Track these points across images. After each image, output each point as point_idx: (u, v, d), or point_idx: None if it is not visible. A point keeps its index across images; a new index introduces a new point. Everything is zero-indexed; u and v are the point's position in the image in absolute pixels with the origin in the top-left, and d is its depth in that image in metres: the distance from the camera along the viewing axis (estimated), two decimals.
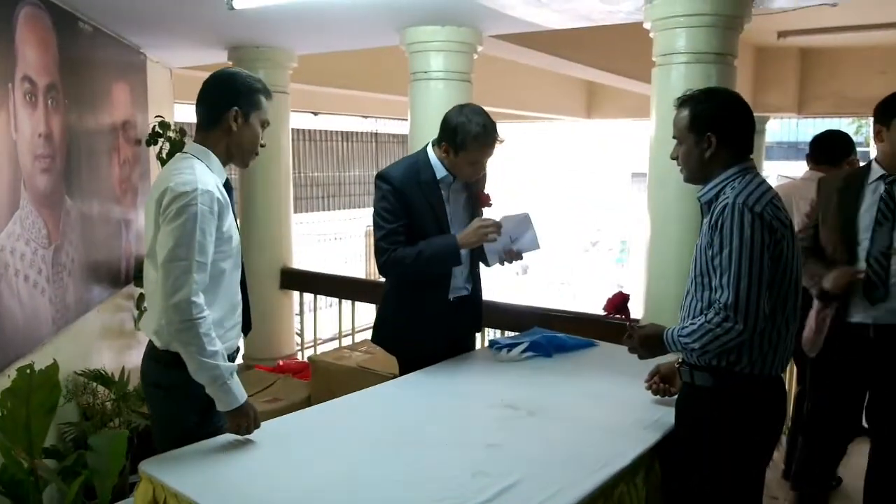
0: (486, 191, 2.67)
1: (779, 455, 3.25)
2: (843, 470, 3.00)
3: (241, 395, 1.89)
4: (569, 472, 1.81)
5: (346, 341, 4.62)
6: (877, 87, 2.52)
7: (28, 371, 2.24)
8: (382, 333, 2.74)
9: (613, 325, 3.32)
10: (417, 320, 2.59)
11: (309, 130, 10.90)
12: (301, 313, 5.00)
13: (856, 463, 2.90)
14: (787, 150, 15.44)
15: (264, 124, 2.03)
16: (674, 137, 1.97)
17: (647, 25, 3.01)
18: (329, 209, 11.52)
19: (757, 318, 1.77)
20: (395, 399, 2.38)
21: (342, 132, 11.60)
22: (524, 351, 2.78)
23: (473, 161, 2.43)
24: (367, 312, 4.51)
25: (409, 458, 1.89)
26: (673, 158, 1.99)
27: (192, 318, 1.80)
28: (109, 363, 3.52)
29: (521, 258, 2.58)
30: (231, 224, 1.97)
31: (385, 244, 2.46)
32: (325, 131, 11.33)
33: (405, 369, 2.66)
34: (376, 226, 2.50)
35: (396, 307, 2.67)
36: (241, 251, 2.06)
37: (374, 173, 2.62)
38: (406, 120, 3.88)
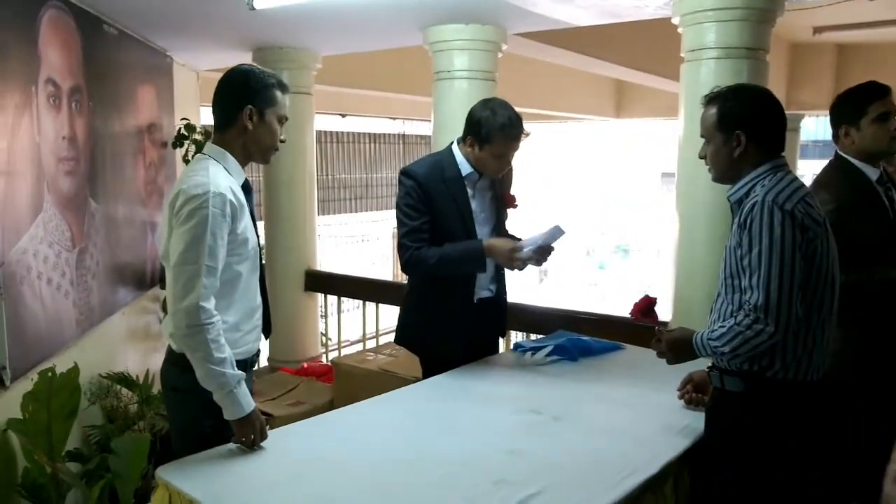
0: (512, 192, 2.62)
1: None
2: None
3: (248, 404, 1.85)
4: (594, 480, 1.75)
5: (371, 343, 4.60)
6: None
7: (49, 374, 2.25)
8: (405, 334, 2.71)
9: (640, 328, 3.24)
10: (440, 322, 2.55)
11: (336, 132, 10.93)
12: (325, 315, 4.98)
13: None
14: (823, 149, 15.10)
15: (282, 120, 1.99)
16: (701, 136, 1.90)
17: (675, 20, 2.92)
18: (356, 211, 11.53)
19: (789, 319, 1.69)
20: (416, 404, 2.33)
21: (369, 134, 11.61)
22: (549, 354, 2.72)
23: (499, 154, 2.39)
24: (392, 314, 4.47)
25: (429, 465, 1.84)
26: (701, 157, 1.92)
27: (200, 324, 1.78)
28: (134, 366, 3.53)
29: (550, 253, 2.46)
30: (247, 226, 1.94)
31: (408, 241, 2.42)
32: (353, 133, 11.35)
33: (427, 371, 2.62)
34: (399, 223, 2.46)
35: (418, 308, 2.63)
36: (259, 254, 2.03)
37: None
38: (430, 121, 3.84)
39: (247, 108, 1.92)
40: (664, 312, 3.14)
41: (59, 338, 2.76)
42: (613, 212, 18.36)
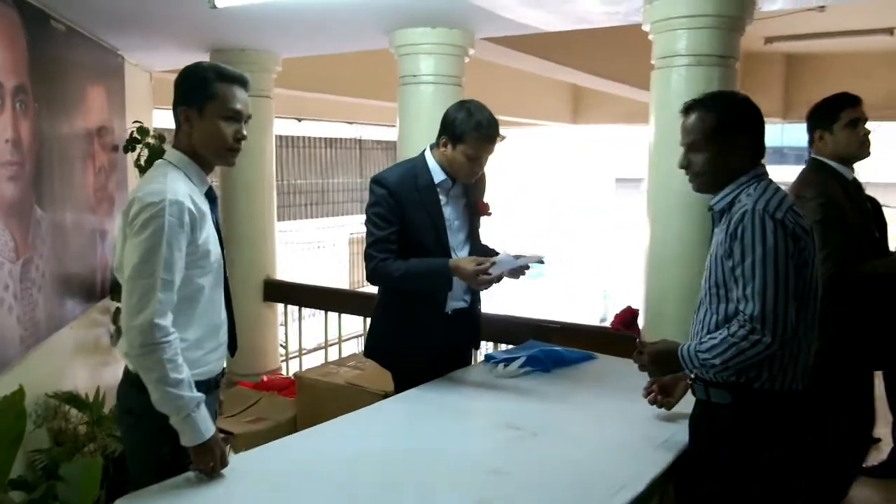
0: (486, 200, 2.55)
1: None
2: None
3: (207, 429, 1.72)
4: (581, 498, 1.69)
5: (333, 351, 4.47)
6: (861, 93, 2.56)
7: None
8: (375, 347, 2.61)
9: (611, 336, 3.21)
10: (411, 334, 2.47)
11: (292, 137, 10.72)
12: (285, 324, 4.83)
13: None
14: (773, 156, 15.54)
15: (233, 115, 1.80)
16: (683, 145, 1.85)
17: (646, 27, 2.90)
18: (311, 217, 11.34)
19: (785, 329, 1.66)
20: (388, 421, 2.24)
21: (326, 139, 11.43)
22: (522, 365, 2.66)
23: (472, 156, 2.32)
24: (352, 322, 4.37)
25: (406, 488, 1.75)
26: (683, 167, 1.86)
27: (154, 342, 1.65)
28: (84, 383, 3.33)
29: (523, 272, 2.41)
30: (209, 237, 1.81)
31: (374, 252, 2.35)
32: (309, 137, 11.16)
33: (400, 385, 2.53)
34: (367, 231, 2.39)
35: (389, 319, 2.55)
36: (223, 266, 1.91)
37: (358, 180, 2.53)
38: (392, 126, 3.75)
39: (179, 109, 1.80)
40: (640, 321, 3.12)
41: (1, 357, 2.57)
42: (569, 218, 18.51)
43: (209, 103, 1.78)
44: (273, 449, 2.01)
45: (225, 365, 2.01)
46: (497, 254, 2.42)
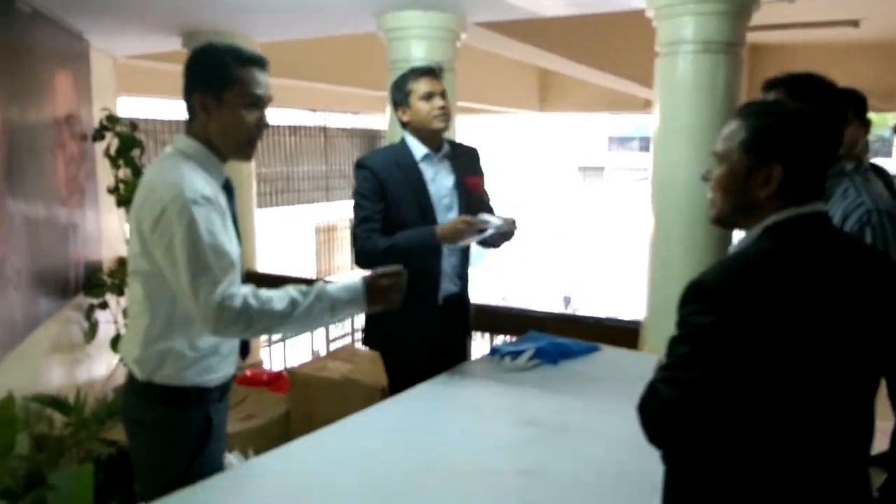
0: (476, 178, 2.47)
1: None
2: None
3: (352, 294, 1.71)
4: (623, 499, 1.63)
5: (318, 344, 4.37)
6: None
7: None
8: (372, 334, 2.53)
9: (610, 328, 3.19)
10: (404, 323, 2.36)
11: None
12: None
13: None
14: None
15: (254, 101, 1.66)
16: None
17: (649, 13, 2.85)
18: (276, 205, 11.10)
19: None
20: (401, 419, 2.15)
21: (290, 126, 11.19)
22: (530, 358, 2.61)
23: (423, 95, 2.31)
24: None
25: (435, 491, 1.67)
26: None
27: (239, 312, 1.55)
28: (61, 384, 3.17)
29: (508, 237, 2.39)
30: (229, 233, 1.67)
31: (360, 231, 2.31)
32: (273, 126, 10.90)
33: (392, 375, 2.48)
34: (354, 213, 2.35)
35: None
36: (241, 267, 1.79)
37: (323, 168, 2.50)
38: (357, 114, 3.64)
39: (194, 95, 1.65)
40: (639, 312, 3.10)
41: None
42: (535, 205, 18.60)
43: (228, 89, 1.63)
44: (287, 452, 1.91)
45: (234, 368, 1.90)
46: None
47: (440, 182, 2.41)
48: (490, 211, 2.57)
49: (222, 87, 1.63)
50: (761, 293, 1.19)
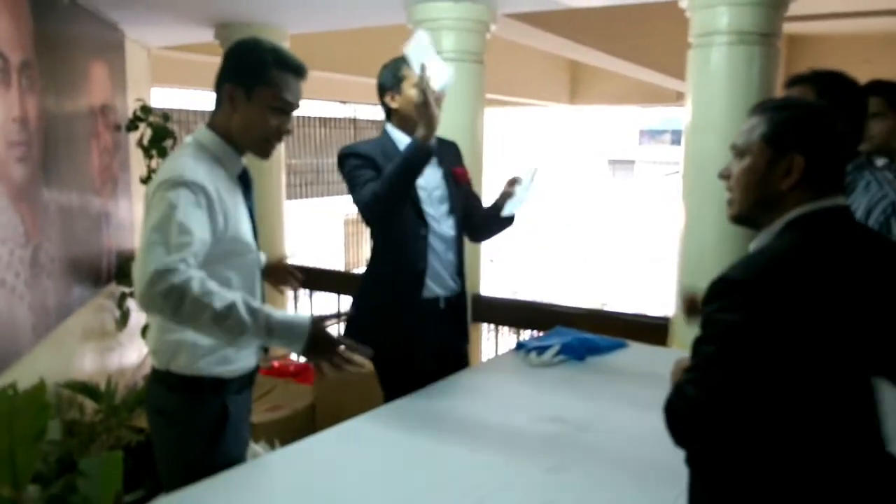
0: (461, 168, 2.41)
1: None
2: None
3: (295, 337, 1.53)
4: (653, 498, 1.61)
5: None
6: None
7: (11, 392, 1.97)
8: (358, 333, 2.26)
9: (638, 323, 3.14)
10: (397, 323, 2.27)
11: None
12: (296, 308, 4.73)
13: None
14: None
15: (281, 106, 1.66)
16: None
17: (682, 3, 2.79)
18: (306, 196, 11.18)
19: None
20: (429, 412, 2.13)
21: (320, 118, 11.25)
22: (556, 354, 2.58)
23: (419, 83, 2.10)
24: None
25: (460, 486, 1.66)
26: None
27: (169, 285, 1.43)
28: (93, 371, 3.23)
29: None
30: (236, 226, 1.66)
31: (360, 192, 2.13)
32: (303, 117, 10.98)
33: (388, 386, 2.33)
34: (352, 192, 2.18)
35: (370, 311, 2.31)
36: (257, 261, 1.79)
37: None
38: None
39: (225, 84, 1.64)
40: (668, 307, 3.04)
41: (14, 347, 2.45)
42: (562, 198, 18.45)
43: (259, 88, 1.63)
44: (312, 443, 1.91)
45: (257, 361, 1.90)
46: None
47: (429, 174, 2.25)
48: (478, 201, 2.52)
49: (255, 84, 1.63)
50: (788, 289, 1.16)
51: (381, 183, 2.07)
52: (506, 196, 2.37)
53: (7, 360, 2.36)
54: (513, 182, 2.36)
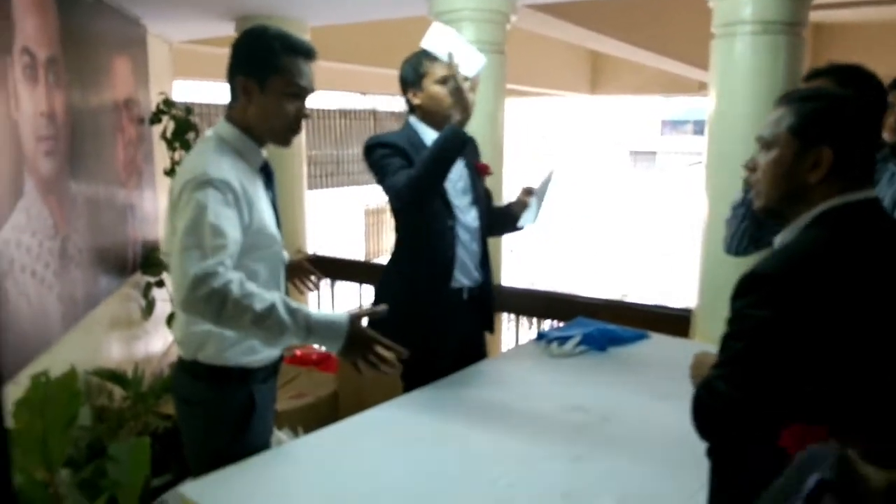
0: (484, 161, 2.42)
1: None
2: None
3: (334, 336, 1.54)
4: (671, 493, 1.61)
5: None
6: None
7: (43, 380, 2.01)
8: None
9: (660, 315, 3.13)
10: (420, 314, 2.26)
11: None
12: (318, 299, 4.77)
13: None
14: None
15: (296, 92, 1.66)
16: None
17: None
18: (327, 187, 11.24)
19: None
20: (450, 401, 2.15)
21: (340, 110, 11.30)
22: (578, 344, 2.59)
23: (440, 79, 2.14)
24: None
25: (482, 474, 1.68)
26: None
27: (212, 289, 1.45)
28: (120, 359, 3.29)
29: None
30: (262, 219, 1.68)
31: (392, 178, 2.12)
32: (323, 109, 11.03)
33: (408, 376, 2.26)
34: (382, 180, 2.16)
35: (396, 302, 2.34)
36: (281, 253, 1.81)
37: None
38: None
39: (237, 77, 1.64)
40: (688, 299, 3.03)
41: (45, 336, 2.51)
42: (583, 190, 18.36)
43: (272, 77, 1.63)
44: (335, 431, 1.94)
45: (281, 350, 1.92)
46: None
47: (454, 165, 2.23)
48: (490, 197, 2.52)
49: (267, 73, 1.63)
50: (817, 284, 1.15)
51: (417, 168, 2.07)
52: (521, 205, 2.37)
53: (38, 349, 2.41)
54: (528, 192, 2.35)
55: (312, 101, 1.75)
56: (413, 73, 2.22)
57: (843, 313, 1.14)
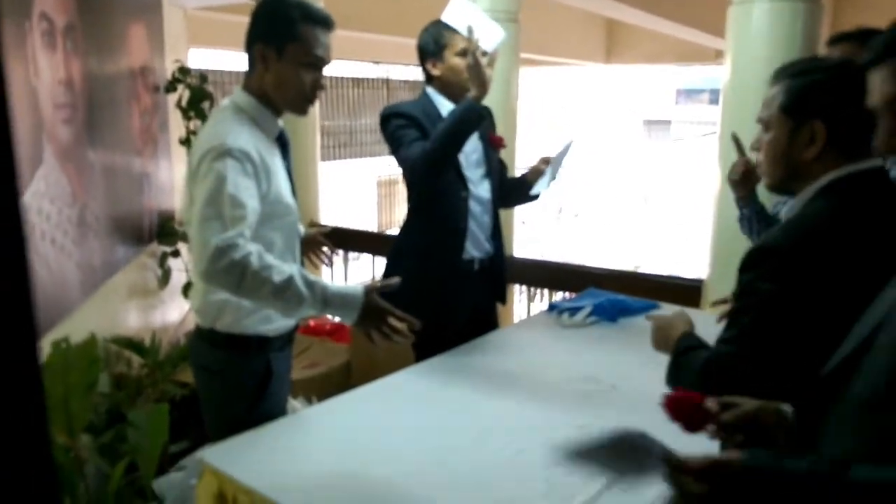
0: (498, 135, 2.43)
1: None
2: None
3: (350, 307, 1.55)
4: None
5: None
6: None
7: (64, 346, 2.06)
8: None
9: (671, 285, 3.13)
10: (431, 285, 2.29)
11: None
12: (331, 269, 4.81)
13: None
14: None
15: (313, 62, 1.67)
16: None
17: None
18: (340, 158, 11.23)
19: None
20: (460, 371, 2.18)
21: (353, 79, 11.23)
22: (588, 315, 2.61)
23: (460, 51, 2.14)
24: None
25: (492, 443, 1.71)
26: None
27: (232, 261, 1.47)
28: (137, 327, 3.34)
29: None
30: (279, 188, 1.70)
31: (407, 150, 2.14)
32: (335, 78, 10.96)
33: (419, 346, 2.31)
34: (396, 151, 2.19)
35: (407, 273, 2.36)
36: (297, 222, 1.83)
37: None
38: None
39: (256, 45, 1.65)
40: (699, 270, 3.03)
41: (65, 303, 2.55)
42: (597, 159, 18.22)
43: (290, 45, 1.64)
44: (347, 400, 1.98)
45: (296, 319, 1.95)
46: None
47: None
48: (505, 169, 2.52)
49: (285, 42, 1.64)
50: (825, 256, 1.16)
51: (432, 142, 2.09)
52: (536, 173, 2.38)
53: (59, 316, 2.46)
54: (546, 161, 2.36)
55: (326, 70, 1.76)
56: (433, 44, 2.21)
57: (851, 285, 1.14)
